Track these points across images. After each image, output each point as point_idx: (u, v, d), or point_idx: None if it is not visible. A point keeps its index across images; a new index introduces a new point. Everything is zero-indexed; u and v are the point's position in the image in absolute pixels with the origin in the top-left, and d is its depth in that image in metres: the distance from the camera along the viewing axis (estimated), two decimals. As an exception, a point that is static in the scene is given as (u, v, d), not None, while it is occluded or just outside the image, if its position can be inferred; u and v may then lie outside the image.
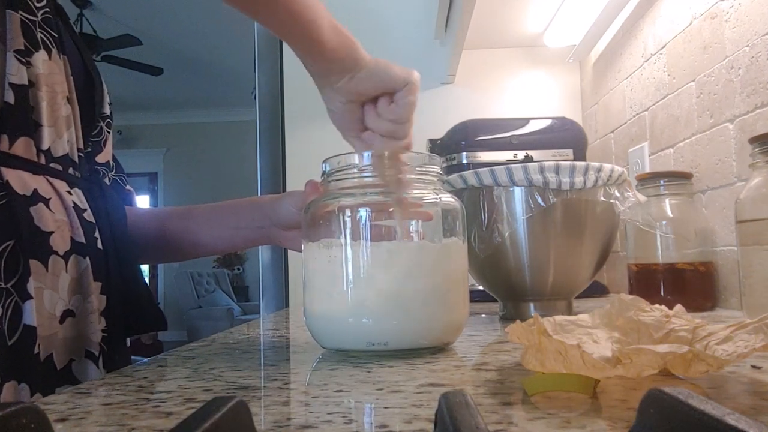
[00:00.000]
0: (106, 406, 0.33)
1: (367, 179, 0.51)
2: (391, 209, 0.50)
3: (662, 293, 0.84)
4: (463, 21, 1.16)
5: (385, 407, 0.31)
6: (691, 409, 0.17)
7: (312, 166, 0.54)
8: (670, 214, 0.85)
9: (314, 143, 1.51)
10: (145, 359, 0.49)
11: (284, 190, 1.57)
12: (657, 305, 0.41)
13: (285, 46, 1.57)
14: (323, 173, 0.53)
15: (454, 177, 0.75)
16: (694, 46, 0.93)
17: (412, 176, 0.51)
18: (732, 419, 0.16)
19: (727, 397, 0.31)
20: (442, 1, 1.33)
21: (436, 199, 0.51)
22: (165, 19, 4.49)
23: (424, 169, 0.52)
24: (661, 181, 0.87)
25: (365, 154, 0.52)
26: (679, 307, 0.40)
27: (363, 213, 0.49)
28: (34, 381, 0.47)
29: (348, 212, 0.49)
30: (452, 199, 0.52)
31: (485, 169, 0.72)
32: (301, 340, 0.61)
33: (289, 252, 1.56)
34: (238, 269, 6.59)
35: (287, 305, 1.57)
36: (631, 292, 0.87)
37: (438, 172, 0.53)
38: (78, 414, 0.31)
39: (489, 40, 1.47)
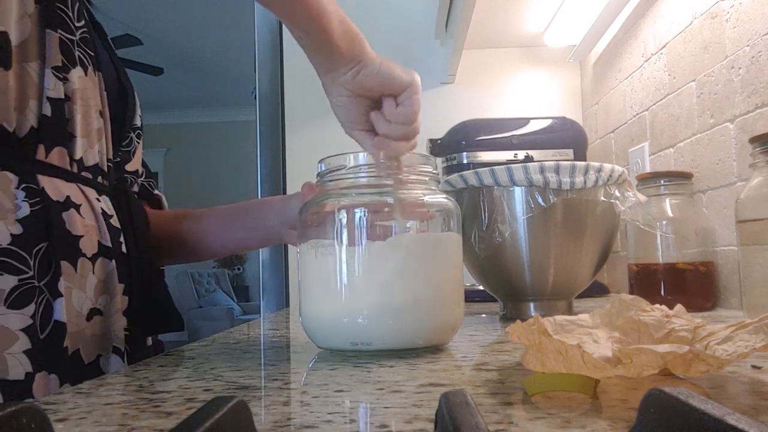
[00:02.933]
0: (106, 406, 0.33)
1: (361, 179, 0.51)
2: (388, 210, 0.50)
3: (662, 293, 0.84)
4: (464, 21, 1.16)
5: (385, 407, 0.31)
6: (691, 409, 0.17)
7: (312, 166, 0.54)
8: (671, 214, 0.85)
9: (314, 143, 1.51)
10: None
11: (284, 190, 1.57)
12: (657, 305, 0.41)
13: (285, 46, 1.57)
14: (318, 173, 0.53)
15: (454, 177, 0.75)
16: (695, 45, 0.93)
17: (408, 176, 0.51)
18: (732, 419, 0.16)
19: (727, 397, 0.31)
20: (442, 1, 1.33)
21: (430, 199, 0.52)
22: (165, 19, 4.49)
23: (417, 170, 0.52)
24: (662, 181, 0.87)
25: (360, 154, 0.52)
26: (679, 306, 0.40)
27: (357, 213, 0.49)
28: (62, 372, 0.50)
29: (342, 212, 0.49)
30: (446, 200, 0.52)
31: (486, 169, 0.72)
32: (301, 340, 0.61)
33: (289, 252, 1.57)
34: (239, 269, 6.59)
35: (287, 305, 1.57)
36: (631, 292, 0.87)
37: (431, 173, 0.53)
38: (78, 414, 0.31)
39: (489, 40, 1.47)
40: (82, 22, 0.59)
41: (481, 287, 0.83)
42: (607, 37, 1.30)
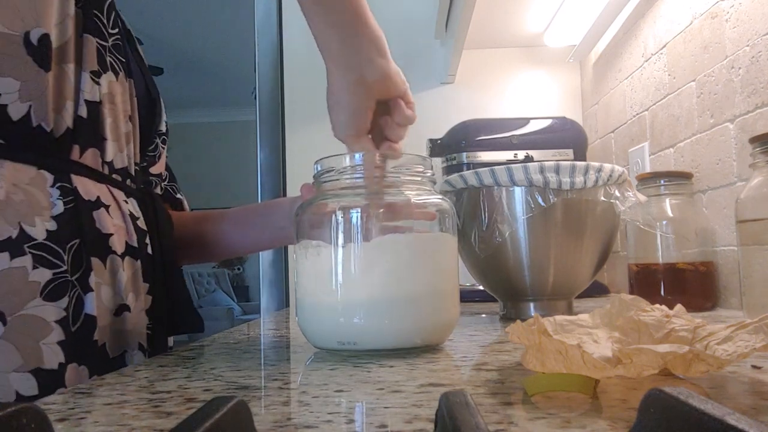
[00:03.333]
0: (106, 406, 0.33)
1: (357, 180, 0.51)
2: (383, 210, 0.50)
3: (662, 293, 0.84)
4: (464, 21, 1.16)
5: (385, 407, 0.31)
6: (691, 409, 0.17)
7: (312, 166, 0.54)
8: (671, 214, 0.85)
9: (314, 143, 1.50)
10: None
11: (284, 189, 1.57)
12: (657, 305, 0.41)
13: (285, 46, 1.57)
14: (314, 175, 0.53)
15: (454, 177, 0.75)
16: (695, 45, 0.93)
17: (406, 177, 0.51)
18: (732, 419, 0.16)
19: (727, 397, 0.31)
20: (442, 1, 1.33)
21: (424, 199, 0.52)
22: (165, 19, 4.48)
23: (412, 170, 0.52)
24: (662, 181, 0.87)
25: (356, 155, 0.52)
26: (679, 306, 0.40)
27: (353, 214, 0.49)
28: (92, 364, 0.52)
29: (338, 213, 0.49)
30: (441, 200, 0.53)
31: (485, 169, 0.72)
32: (301, 340, 0.61)
33: (289, 252, 1.57)
34: (238, 269, 6.59)
35: (287, 305, 1.57)
36: (631, 292, 0.87)
37: (425, 173, 0.53)
38: (78, 414, 0.31)
39: (489, 40, 1.47)
40: (116, 30, 0.61)
41: (481, 287, 0.83)
42: (607, 37, 1.30)
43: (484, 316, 0.81)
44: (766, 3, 0.76)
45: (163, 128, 0.75)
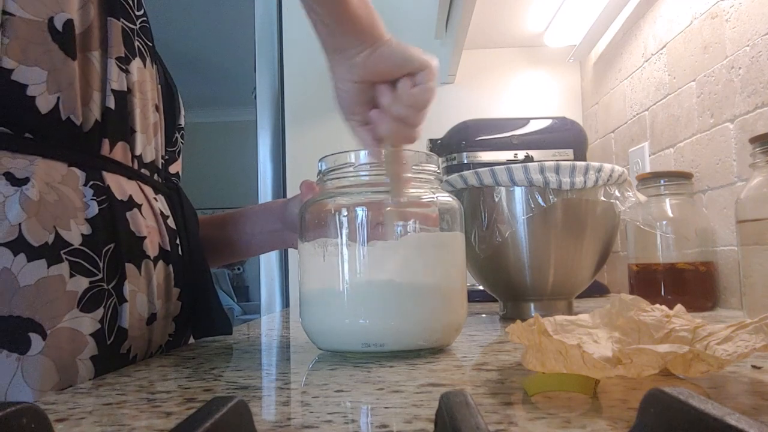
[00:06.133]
0: (106, 406, 0.33)
1: (363, 178, 0.50)
2: (388, 208, 0.49)
3: (662, 293, 0.84)
4: (464, 21, 1.16)
5: (385, 407, 0.31)
6: (691, 409, 0.17)
7: (312, 166, 0.54)
8: (671, 214, 0.85)
9: (314, 143, 1.51)
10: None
11: (284, 189, 1.57)
12: (657, 305, 0.41)
13: (285, 46, 1.57)
14: (319, 172, 0.53)
15: (454, 177, 0.75)
16: (695, 45, 0.93)
17: (410, 175, 0.51)
18: (732, 419, 0.16)
19: (727, 397, 0.31)
20: (442, 1, 1.33)
21: (434, 198, 0.51)
22: (165, 19, 4.48)
23: (421, 168, 0.51)
24: (662, 181, 0.87)
25: (361, 152, 0.51)
26: (679, 306, 0.40)
27: (359, 212, 0.48)
28: None
29: (344, 211, 0.48)
30: (450, 199, 0.52)
31: (486, 169, 0.72)
32: (301, 340, 0.61)
33: (290, 252, 1.57)
34: (238, 269, 6.58)
35: (287, 305, 1.57)
36: (631, 292, 0.87)
37: (436, 171, 0.52)
38: (78, 414, 0.31)
39: (489, 40, 1.47)
40: (141, 11, 0.57)
41: (481, 287, 0.83)
42: (607, 37, 1.30)
43: (484, 316, 0.81)
44: (766, 3, 0.76)
45: (182, 122, 0.70)
